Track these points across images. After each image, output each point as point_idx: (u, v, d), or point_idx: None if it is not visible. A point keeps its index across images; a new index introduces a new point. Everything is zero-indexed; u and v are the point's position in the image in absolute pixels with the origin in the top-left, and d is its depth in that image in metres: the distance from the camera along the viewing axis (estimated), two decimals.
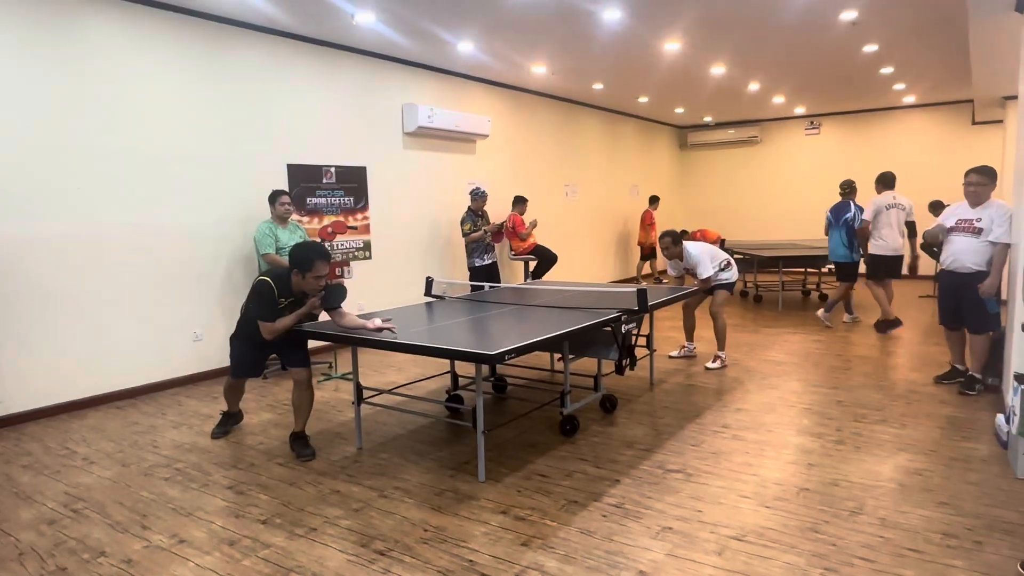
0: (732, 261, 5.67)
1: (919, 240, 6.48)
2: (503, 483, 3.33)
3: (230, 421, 4.26)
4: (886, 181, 6.81)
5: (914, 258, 6.72)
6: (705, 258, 5.44)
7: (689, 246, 5.50)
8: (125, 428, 4.39)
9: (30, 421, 4.56)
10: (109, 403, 4.96)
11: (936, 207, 8.21)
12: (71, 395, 4.78)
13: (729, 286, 5.58)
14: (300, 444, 3.83)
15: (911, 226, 6.75)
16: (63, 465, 3.76)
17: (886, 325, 6.77)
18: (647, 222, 11.09)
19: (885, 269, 6.78)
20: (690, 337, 5.94)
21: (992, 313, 4.50)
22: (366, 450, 3.87)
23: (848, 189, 7.17)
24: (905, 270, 6.73)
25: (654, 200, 11.22)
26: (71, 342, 4.76)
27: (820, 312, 7.26)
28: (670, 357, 5.92)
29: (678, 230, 5.83)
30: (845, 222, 7.01)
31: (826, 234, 7.36)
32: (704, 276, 5.41)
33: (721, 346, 5.59)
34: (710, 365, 5.54)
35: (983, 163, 4.77)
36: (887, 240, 6.69)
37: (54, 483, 3.50)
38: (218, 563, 2.65)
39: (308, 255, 3.60)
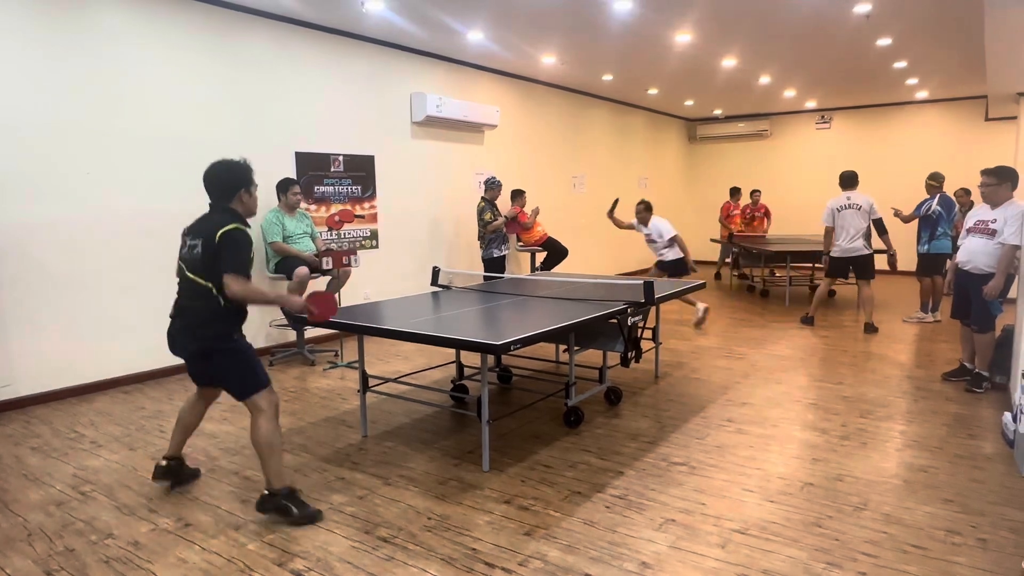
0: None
1: (889, 236, 6.61)
2: (507, 473, 3.34)
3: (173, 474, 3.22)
4: (844, 181, 6.69)
5: (891, 256, 6.73)
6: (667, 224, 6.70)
7: (656, 218, 6.76)
8: (132, 412, 4.43)
9: (39, 404, 4.60)
10: (116, 387, 4.99)
11: (965, 193, 8.13)
12: (79, 379, 4.82)
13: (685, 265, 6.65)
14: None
15: (878, 224, 6.57)
16: (71, 448, 3.79)
17: (807, 319, 7.11)
18: (726, 213, 10.75)
19: (834, 270, 6.80)
20: None
21: (995, 315, 4.49)
22: (371, 438, 3.89)
23: (938, 182, 7.03)
24: (886, 266, 6.91)
25: (735, 192, 10.87)
26: (79, 326, 4.79)
27: (922, 314, 7.25)
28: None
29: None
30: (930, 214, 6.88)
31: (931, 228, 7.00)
32: (672, 234, 6.64)
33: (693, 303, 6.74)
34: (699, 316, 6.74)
35: (995, 160, 4.73)
36: (840, 242, 6.61)
37: (62, 465, 3.54)
38: (223, 547, 2.67)
39: (242, 168, 2.95)
